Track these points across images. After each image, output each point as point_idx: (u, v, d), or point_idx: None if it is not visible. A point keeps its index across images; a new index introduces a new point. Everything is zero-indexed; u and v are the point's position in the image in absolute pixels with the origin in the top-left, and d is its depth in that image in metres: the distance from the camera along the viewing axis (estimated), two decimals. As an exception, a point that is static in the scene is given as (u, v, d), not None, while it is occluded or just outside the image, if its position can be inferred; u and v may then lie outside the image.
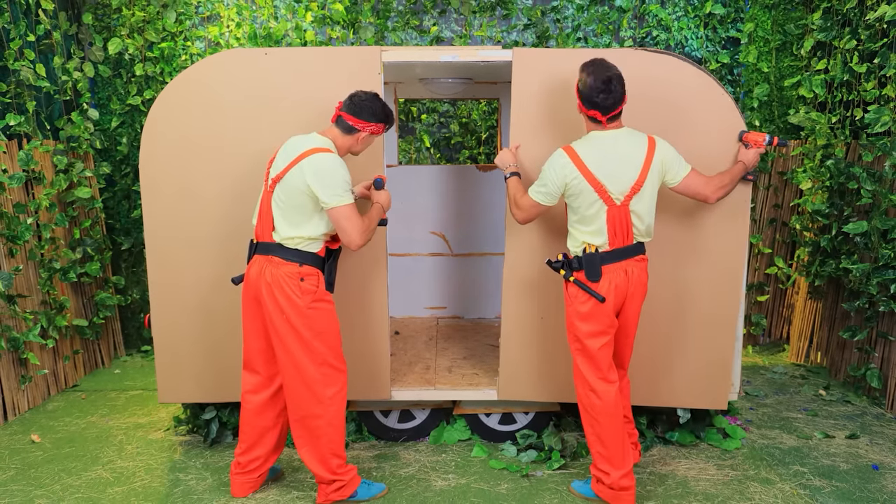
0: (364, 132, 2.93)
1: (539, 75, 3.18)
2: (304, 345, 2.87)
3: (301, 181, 2.77)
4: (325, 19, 5.12)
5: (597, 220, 2.86)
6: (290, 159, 2.82)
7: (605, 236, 2.86)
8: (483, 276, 4.91)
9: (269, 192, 2.88)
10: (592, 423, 2.97)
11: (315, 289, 2.86)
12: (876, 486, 3.20)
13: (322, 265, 2.90)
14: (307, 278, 2.84)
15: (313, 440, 2.95)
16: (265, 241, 2.89)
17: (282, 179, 2.82)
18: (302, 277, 2.83)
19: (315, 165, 2.76)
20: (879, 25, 4.14)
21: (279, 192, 2.84)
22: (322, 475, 2.98)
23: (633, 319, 2.99)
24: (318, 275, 2.88)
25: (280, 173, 2.83)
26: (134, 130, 5.10)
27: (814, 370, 4.84)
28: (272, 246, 2.87)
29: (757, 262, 5.23)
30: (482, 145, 5.88)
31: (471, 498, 3.10)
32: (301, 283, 2.83)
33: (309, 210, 2.82)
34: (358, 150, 3.02)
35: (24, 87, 4.28)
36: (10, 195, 4.13)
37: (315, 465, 2.97)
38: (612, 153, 2.83)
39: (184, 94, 3.24)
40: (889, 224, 3.89)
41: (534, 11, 5.22)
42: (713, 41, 5.20)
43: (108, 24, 5.04)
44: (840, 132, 4.55)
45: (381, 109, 2.93)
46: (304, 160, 2.78)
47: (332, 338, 2.94)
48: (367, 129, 2.92)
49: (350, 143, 2.95)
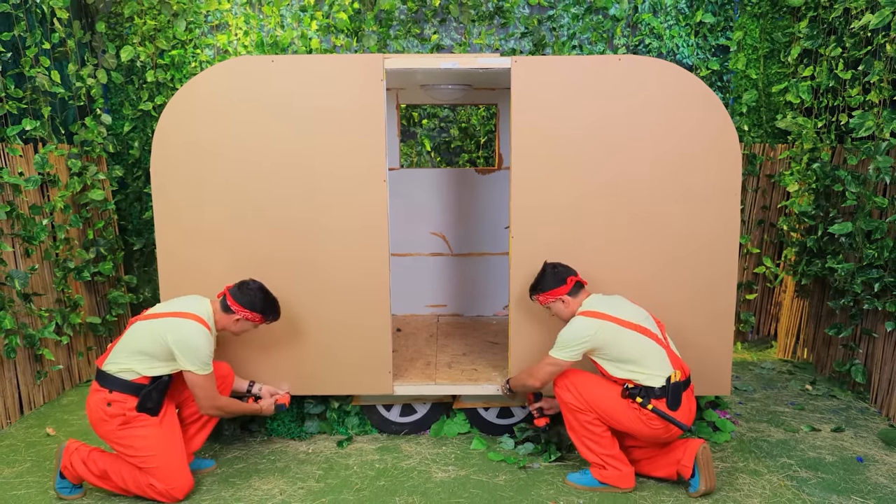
0: (239, 316, 3.02)
1: (537, 81, 3.18)
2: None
3: (164, 338, 2.86)
4: (330, 28, 5.11)
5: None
6: (167, 310, 2.96)
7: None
8: (482, 275, 4.91)
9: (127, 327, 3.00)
10: (584, 440, 3.07)
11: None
12: (860, 477, 3.20)
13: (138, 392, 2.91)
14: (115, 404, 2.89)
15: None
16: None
17: (145, 322, 2.94)
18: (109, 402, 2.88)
19: (183, 332, 2.87)
20: (864, 33, 4.13)
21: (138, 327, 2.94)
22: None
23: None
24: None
25: (148, 316, 2.95)
26: (145, 135, 5.10)
27: (800, 366, 4.84)
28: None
29: (746, 262, 5.23)
30: (481, 149, 5.87)
31: (470, 489, 3.10)
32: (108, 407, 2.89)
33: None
34: (235, 332, 3.10)
35: (39, 93, 4.28)
36: (26, 197, 4.13)
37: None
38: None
39: (193, 100, 3.24)
40: (873, 225, 3.88)
41: (531, 20, 5.22)
42: (703, 49, 5.20)
43: (120, 32, 5.04)
44: (826, 136, 4.55)
45: (260, 301, 3.05)
46: (177, 320, 2.90)
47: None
48: (241, 314, 3.02)
49: (226, 323, 3.06)
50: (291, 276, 3.35)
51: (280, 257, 3.34)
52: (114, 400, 2.87)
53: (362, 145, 3.26)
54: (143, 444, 2.89)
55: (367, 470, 3.27)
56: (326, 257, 3.34)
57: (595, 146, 3.24)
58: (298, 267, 3.35)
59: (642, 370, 2.91)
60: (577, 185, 3.27)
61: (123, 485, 2.95)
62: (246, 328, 3.11)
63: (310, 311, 3.39)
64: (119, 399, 2.87)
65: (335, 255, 3.34)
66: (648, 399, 2.88)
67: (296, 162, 3.28)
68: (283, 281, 3.35)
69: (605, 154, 3.24)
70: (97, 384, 2.92)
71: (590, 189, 3.27)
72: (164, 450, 2.92)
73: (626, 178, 3.26)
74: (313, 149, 3.27)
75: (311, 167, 3.28)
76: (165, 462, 2.91)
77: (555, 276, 3.10)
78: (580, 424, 3.04)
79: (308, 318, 3.39)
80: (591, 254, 3.31)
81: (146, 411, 2.90)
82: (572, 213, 3.29)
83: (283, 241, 3.33)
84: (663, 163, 3.24)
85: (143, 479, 2.92)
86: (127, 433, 2.89)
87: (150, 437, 2.90)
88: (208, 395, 2.94)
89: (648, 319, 3.04)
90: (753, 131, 5.14)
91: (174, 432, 2.99)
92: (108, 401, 2.87)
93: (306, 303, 3.38)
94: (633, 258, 3.32)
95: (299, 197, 3.30)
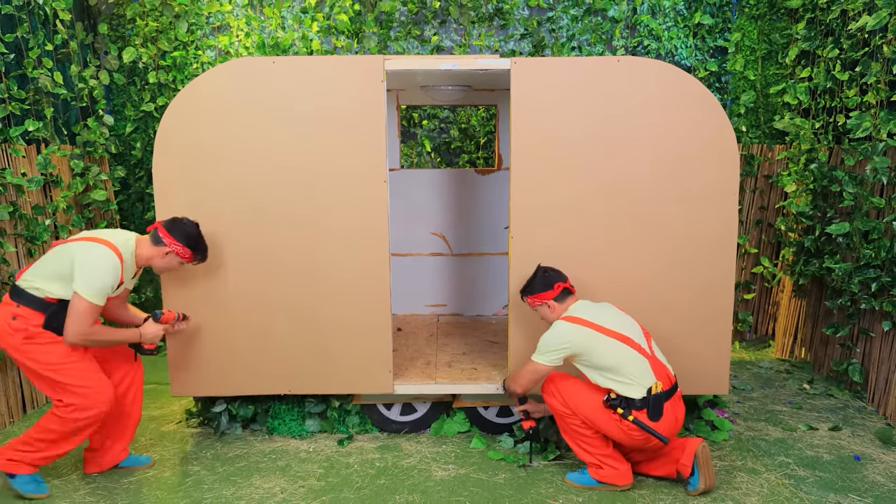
0: (169, 248, 2.99)
1: (536, 83, 3.19)
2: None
3: (71, 257, 2.84)
4: (331, 29, 5.11)
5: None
6: (87, 235, 2.94)
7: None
8: (482, 275, 4.91)
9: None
10: (578, 441, 3.08)
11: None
12: (857, 475, 3.20)
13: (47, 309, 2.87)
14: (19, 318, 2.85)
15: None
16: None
17: (61, 245, 2.92)
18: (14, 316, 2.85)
19: (91, 254, 2.84)
20: (861, 35, 4.14)
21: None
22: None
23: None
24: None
25: (66, 241, 2.93)
26: (147, 135, 5.10)
27: (798, 365, 4.84)
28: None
29: (744, 262, 5.23)
30: (481, 150, 5.87)
31: (469, 487, 3.10)
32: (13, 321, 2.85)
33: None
34: (158, 267, 3.05)
35: (42, 94, 4.28)
36: (29, 197, 4.13)
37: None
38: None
39: (194, 101, 3.24)
40: (870, 225, 3.88)
41: (530, 22, 5.22)
42: (702, 50, 5.20)
43: (122, 33, 5.04)
44: (823, 137, 4.55)
45: (195, 236, 3.03)
46: (90, 243, 2.88)
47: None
48: (172, 248, 2.99)
49: (152, 255, 3.01)
50: (293, 276, 3.36)
51: (281, 257, 3.34)
52: (20, 314, 2.84)
53: (363, 146, 3.26)
54: (50, 357, 2.85)
55: (368, 468, 3.27)
56: (327, 257, 3.34)
57: (594, 147, 3.24)
58: (300, 266, 3.35)
59: (622, 379, 2.91)
60: (577, 186, 3.27)
61: (53, 434, 2.88)
62: (172, 264, 3.05)
63: (311, 311, 3.39)
64: (25, 314, 2.84)
65: (336, 255, 3.34)
66: (629, 410, 2.88)
67: (297, 162, 3.28)
68: (285, 280, 3.35)
69: (604, 155, 3.24)
70: (8, 297, 2.88)
71: (589, 190, 3.27)
72: (75, 360, 2.87)
73: (625, 178, 3.26)
74: (314, 149, 3.27)
75: (312, 168, 3.28)
76: (78, 370, 2.86)
77: (544, 281, 3.12)
78: (570, 428, 3.06)
79: (309, 317, 3.39)
80: (589, 254, 3.31)
81: (52, 329, 2.86)
82: (571, 214, 3.29)
83: (285, 241, 3.33)
84: (662, 164, 3.24)
85: (62, 411, 2.85)
86: (32, 347, 2.84)
87: (58, 352, 2.86)
88: (82, 321, 2.80)
89: (634, 328, 3.03)
90: (751, 132, 5.15)
91: (85, 351, 2.94)
92: (14, 314, 2.84)
93: (308, 302, 3.38)
94: (632, 258, 3.32)
95: (301, 197, 3.30)
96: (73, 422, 2.88)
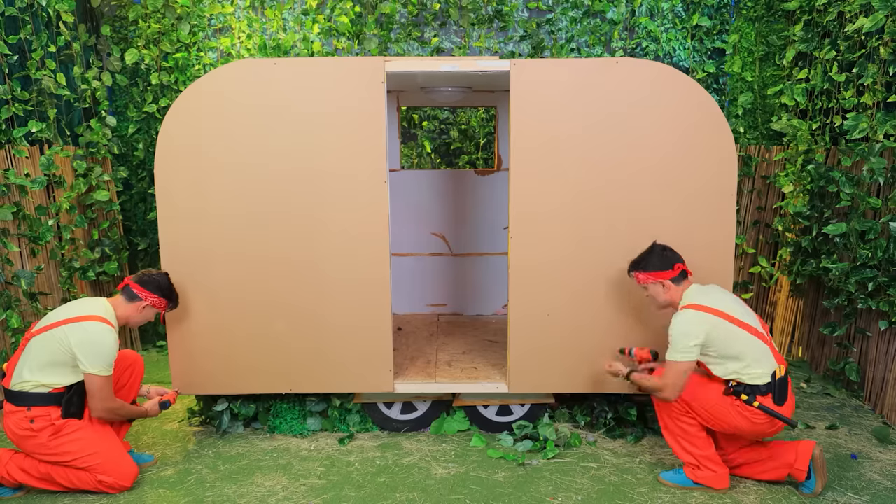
0: (146, 302, 3.03)
1: (535, 84, 3.19)
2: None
3: (67, 342, 2.82)
4: (332, 31, 5.12)
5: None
6: (63, 317, 2.88)
7: None
8: (481, 274, 4.91)
9: (21, 346, 2.93)
10: (679, 440, 3.02)
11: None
12: (854, 473, 3.21)
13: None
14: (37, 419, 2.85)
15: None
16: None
17: (42, 334, 2.87)
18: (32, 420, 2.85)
19: (88, 333, 2.84)
20: (858, 37, 4.14)
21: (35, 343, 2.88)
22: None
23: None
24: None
25: (43, 328, 2.88)
26: (150, 136, 5.10)
27: (795, 364, 4.84)
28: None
29: (741, 262, 5.23)
30: (480, 151, 5.88)
31: (469, 485, 3.10)
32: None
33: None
34: (135, 321, 3.08)
35: (45, 96, 4.28)
36: (33, 198, 4.13)
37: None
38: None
39: (196, 102, 3.25)
40: (867, 225, 3.89)
41: (529, 24, 5.22)
42: (700, 52, 5.20)
43: (125, 35, 5.04)
44: (820, 138, 4.55)
45: (167, 286, 3.09)
46: (79, 323, 2.85)
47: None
48: (149, 300, 3.03)
49: (131, 313, 3.04)
50: (294, 276, 3.36)
51: (283, 257, 3.34)
52: (36, 416, 2.84)
53: (363, 147, 3.26)
54: (79, 446, 2.88)
55: (369, 467, 3.27)
56: (328, 257, 3.35)
57: (593, 148, 3.24)
58: (301, 267, 3.35)
59: (747, 367, 2.81)
60: (576, 186, 3.27)
61: (71, 484, 2.94)
62: (148, 317, 3.11)
63: (312, 310, 3.39)
64: (41, 413, 2.84)
65: (337, 255, 3.34)
66: (754, 396, 2.79)
67: (298, 163, 3.28)
68: (286, 281, 3.35)
69: (602, 155, 3.25)
70: (11, 405, 2.86)
71: (588, 190, 3.27)
72: (102, 445, 2.92)
73: (624, 179, 3.26)
74: (315, 150, 3.27)
75: (313, 168, 3.28)
76: (107, 456, 2.92)
77: (662, 258, 2.97)
78: (676, 425, 2.99)
79: (310, 317, 3.39)
80: (588, 254, 3.31)
81: (71, 416, 2.89)
82: (570, 214, 3.29)
83: (286, 242, 3.34)
84: (660, 164, 3.24)
85: (91, 476, 2.91)
86: (60, 441, 2.86)
87: (85, 438, 2.90)
88: (105, 396, 2.89)
89: (749, 313, 2.92)
90: (749, 133, 5.15)
91: (104, 426, 2.99)
92: (30, 417, 2.83)
93: (309, 302, 3.38)
94: (631, 258, 3.31)
95: (301, 197, 3.30)
96: (97, 486, 2.94)
